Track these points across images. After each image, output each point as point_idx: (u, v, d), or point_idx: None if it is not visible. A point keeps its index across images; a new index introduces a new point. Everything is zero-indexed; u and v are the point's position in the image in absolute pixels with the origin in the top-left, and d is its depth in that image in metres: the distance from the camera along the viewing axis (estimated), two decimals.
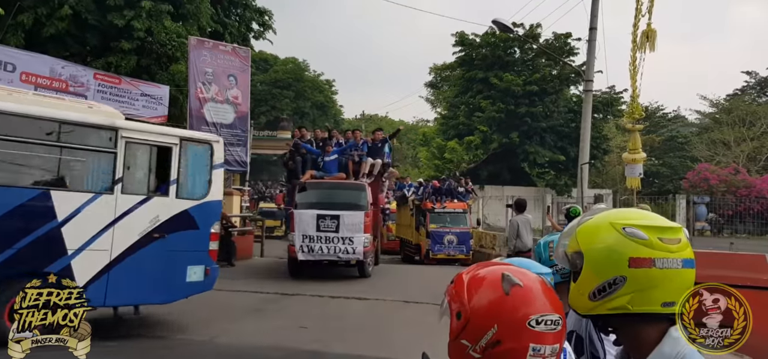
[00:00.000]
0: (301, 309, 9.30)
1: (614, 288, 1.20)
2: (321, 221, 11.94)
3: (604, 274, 1.21)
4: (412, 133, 53.91)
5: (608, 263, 1.20)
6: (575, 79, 30.83)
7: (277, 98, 48.55)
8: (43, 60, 13.95)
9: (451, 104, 36.10)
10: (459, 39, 33.84)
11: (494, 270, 1.24)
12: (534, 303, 1.18)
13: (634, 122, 13.86)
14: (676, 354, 1.19)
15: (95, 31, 16.04)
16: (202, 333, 7.56)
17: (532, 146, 30.97)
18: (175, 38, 16.38)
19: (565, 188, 31.07)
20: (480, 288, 1.21)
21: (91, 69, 15.04)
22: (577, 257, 1.26)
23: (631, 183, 14.20)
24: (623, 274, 1.19)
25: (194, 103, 15.21)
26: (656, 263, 1.18)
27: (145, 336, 7.32)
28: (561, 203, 21.12)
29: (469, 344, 1.18)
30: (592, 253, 1.23)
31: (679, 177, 33.83)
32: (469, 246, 19.30)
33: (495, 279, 1.21)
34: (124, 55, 15.86)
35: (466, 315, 1.19)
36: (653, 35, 9.30)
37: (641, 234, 1.20)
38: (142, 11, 15.58)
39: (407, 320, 8.77)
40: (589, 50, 18.20)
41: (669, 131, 41.18)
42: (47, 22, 14.99)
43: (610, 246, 1.21)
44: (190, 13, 16.97)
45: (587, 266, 1.23)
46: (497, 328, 1.16)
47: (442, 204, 20.00)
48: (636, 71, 11.78)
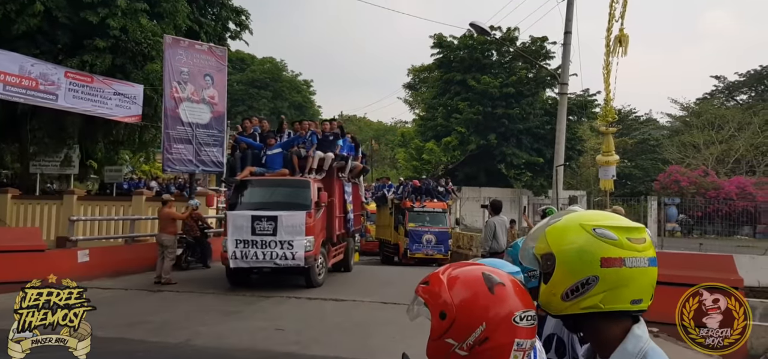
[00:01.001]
0: (278, 311, 9.24)
1: (587, 288, 1.23)
2: (256, 224, 10.52)
3: (576, 274, 1.23)
4: (390, 134, 53.98)
5: (581, 264, 1.23)
6: (551, 82, 31.28)
7: (254, 97, 48.19)
8: (11, 58, 13.59)
9: (429, 105, 36.28)
10: (437, 41, 34.04)
11: (473, 270, 1.28)
12: (516, 300, 1.24)
13: (607, 125, 14.17)
14: (638, 350, 1.23)
15: (66, 29, 15.69)
16: (178, 335, 7.46)
17: (509, 147, 31.32)
18: (151, 37, 16.12)
19: (541, 189, 31.50)
20: (464, 287, 1.24)
21: (62, 67, 14.70)
22: (547, 259, 1.28)
23: (604, 185, 14.51)
24: (596, 274, 1.22)
25: (169, 102, 14.97)
26: (626, 262, 1.22)
27: (120, 338, 7.20)
28: (537, 203, 21.44)
29: (455, 342, 1.21)
30: (564, 255, 1.25)
31: (650, 179, 34.53)
32: (447, 246, 19.17)
33: (477, 278, 1.24)
34: (99, 53, 15.55)
35: (452, 314, 1.21)
36: (626, 40, 9.52)
37: (611, 235, 1.24)
38: (117, 9, 15.30)
39: (385, 320, 8.78)
40: (564, 54, 18.50)
41: (641, 133, 42.00)
42: (18, 19, 14.62)
43: (581, 247, 1.24)
44: (166, 12, 16.72)
45: (559, 267, 1.26)
46: (485, 326, 1.19)
47: (422, 203, 19.85)
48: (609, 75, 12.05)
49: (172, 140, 14.90)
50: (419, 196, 20.35)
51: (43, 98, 14.04)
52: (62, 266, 11.06)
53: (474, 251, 18.38)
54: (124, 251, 13.56)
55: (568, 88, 19.28)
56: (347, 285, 12.28)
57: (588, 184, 34.68)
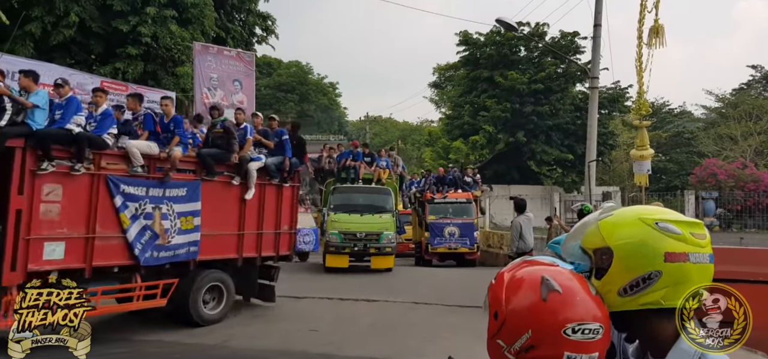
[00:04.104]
0: (312, 312, 9.29)
1: (648, 283, 1.19)
2: None
3: (637, 269, 1.19)
4: (416, 133, 53.85)
5: (643, 258, 1.19)
6: (581, 76, 30.73)
7: (281, 101, 48.62)
8: (50, 69, 14.00)
9: (456, 103, 36.02)
10: (463, 38, 33.78)
11: (535, 272, 1.22)
12: (572, 310, 1.15)
13: (641, 119, 13.84)
14: (695, 350, 1.19)
15: (99, 38, 16.13)
16: (214, 336, 7.56)
17: (539, 144, 30.87)
18: (180, 42, 16.46)
19: (572, 186, 30.97)
20: (518, 289, 1.20)
21: (98, 76, 15.11)
22: (603, 253, 1.24)
23: (639, 180, 14.19)
24: (659, 269, 1.18)
25: (200, 108, 15.22)
26: (690, 257, 1.19)
27: (157, 340, 7.33)
28: (569, 201, 21.04)
29: (504, 345, 1.18)
30: (624, 249, 1.21)
31: (686, 173, 33.65)
32: (473, 238, 17.62)
33: (534, 281, 1.18)
34: (131, 60, 15.95)
35: (503, 315, 1.18)
36: (662, 31, 9.26)
37: (675, 229, 1.20)
38: (147, 17, 15.66)
39: (418, 321, 8.74)
40: (594, 47, 18.14)
41: (675, 126, 40.97)
42: (53, 31, 15.08)
43: (643, 241, 1.20)
44: (194, 18, 17.03)
45: (618, 262, 1.21)
46: (531, 333, 1.14)
47: (444, 194, 18.51)
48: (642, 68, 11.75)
49: None
50: (441, 187, 19.05)
51: None
52: None
53: (505, 250, 18.06)
54: None
55: (598, 82, 18.90)
56: (379, 285, 12.26)
57: (621, 179, 33.95)
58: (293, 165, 9.64)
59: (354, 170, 15.19)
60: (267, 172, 9.10)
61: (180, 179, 7.92)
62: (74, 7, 15.08)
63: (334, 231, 13.99)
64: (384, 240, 14.17)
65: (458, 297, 10.28)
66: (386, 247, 14.24)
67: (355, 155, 15.58)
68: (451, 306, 9.65)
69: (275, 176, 9.23)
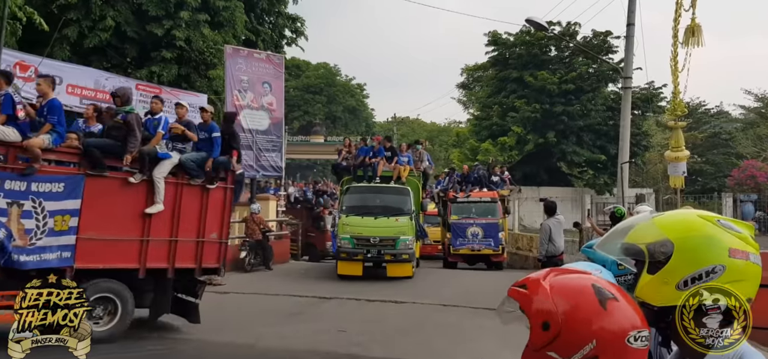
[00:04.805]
0: (339, 313, 9.33)
1: (712, 277, 1.20)
2: None
3: (701, 262, 1.21)
4: (444, 134, 53.62)
5: (707, 252, 1.21)
6: (613, 76, 30.12)
7: (309, 103, 49.13)
8: (88, 73, 14.45)
9: (484, 104, 35.72)
10: (492, 39, 33.51)
11: (580, 279, 1.19)
12: (631, 318, 1.15)
13: (676, 119, 13.48)
14: (735, 351, 1.21)
15: (134, 42, 16.54)
16: (244, 335, 7.66)
17: (569, 145, 30.37)
18: (212, 46, 16.77)
19: (604, 188, 30.38)
20: (572, 297, 1.15)
21: (133, 80, 15.51)
22: (661, 246, 1.25)
23: (674, 182, 13.82)
24: (723, 263, 1.20)
25: (230, 110, 15.50)
26: (750, 257, 1.22)
27: (189, 338, 7.47)
28: (600, 203, 20.62)
29: (558, 357, 1.13)
30: (688, 241, 1.22)
31: (723, 175, 32.64)
32: (498, 240, 16.85)
33: (586, 289, 1.16)
34: (166, 64, 16.30)
35: (557, 326, 1.13)
36: (699, 31, 9.00)
37: (737, 228, 1.23)
38: (181, 21, 15.99)
39: (446, 324, 8.70)
40: (626, 47, 17.75)
41: (712, 127, 39.79)
42: (90, 34, 15.51)
43: (709, 235, 1.22)
44: (225, 21, 17.33)
45: (680, 254, 1.22)
46: (596, 343, 1.11)
47: (467, 193, 17.80)
48: (678, 68, 11.43)
49: None
50: (465, 185, 18.31)
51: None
52: None
53: (534, 253, 17.79)
54: None
55: (631, 82, 18.48)
56: (406, 287, 12.24)
57: (655, 181, 33.12)
58: (221, 164, 7.93)
59: (372, 168, 13.82)
60: (185, 170, 7.62)
61: (56, 172, 6.77)
62: (110, 12, 15.50)
63: (346, 236, 12.74)
64: (401, 246, 12.69)
65: (486, 299, 10.19)
66: (403, 253, 12.76)
67: (375, 151, 14.23)
68: (478, 309, 9.57)
69: (196, 175, 7.66)
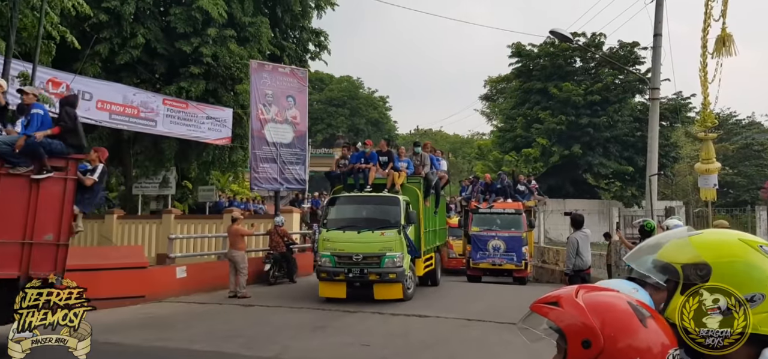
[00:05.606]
0: (364, 327, 9.30)
1: (751, 305, 1.16)
2: None
3: (740, 289, 1.16)
4: (467, 146, 53.41)
5: (748, 279, 1.17)
6: (640, 87, 29.65)
7: (332, 116, 49.54)
8: (116, 88, 14.83)
9: (508, 116, 35.50)
10: (516, 50, 33.36)
11: (615, 297, 1.19)
12: (669, 336, 1.15)
13: (706, 131, 13.18)
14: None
15: (163, 59, 16.92)
16: (270, 348, 7.68)
17: (596, 156, 29.94)
18: (239, 61, 17.06)
19: (632, 200, 29.83)
20: (612, 315, 1.14)
21: (160, 95, 15.86)
22: (698, 268, 1.21)
23: (705, 195, 13.49)
24: (763, 292, 1.16)
25: (255, 124, 15.73)
26: None
27: (216, 351, 7.52)
28: (628, 216, 20.22)
29: None
30: (728, 267, 1.18)
31: (756, 187, 31.78)
32: (521, 254, 16.06)
33: (624, 307, 1.15)
34: (194, 79, 16.64)
35: (599, 344, 1.12)
36: (730, 40, 8.80)
37: None
38: (208, 38, 16.32)
39: (471, 339, 8.60)
40: (654, 57, 17.50)
41: (743, 138, 38.82)
42: (121, 51, 15.91)
43: (751, 262, 1.17)
44: (251, 37, 17.61)
45: (717, 279, 1.18)
46: None
47: (490, 203, 17.05)
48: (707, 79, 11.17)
49: (258, 159, 15.63)
50: (489, 195, 17.46)
51: (144, 125, 15.19)
52: (163, 282, 11.77)
53: (560, 267, 17.49)
54: (218, 267, 13.99)
55: (659, 93, 18.18)
56: (430, 301, 12.15)
57: (685, 194, 32.36)
58: (51, 149, 6.65)
59: (363, 175, 12.35)
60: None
61: None
62: (141, 29, 15.89)
63: (326, 253, 11.24)
64: (387, 263, 11.02)
65: (511, 314, 10.04)
66: (390, 272, 11.03)
67: (367, 156, 12.78)
68: (504, 324, 9.44)
69: (13, 162, 6.47)
